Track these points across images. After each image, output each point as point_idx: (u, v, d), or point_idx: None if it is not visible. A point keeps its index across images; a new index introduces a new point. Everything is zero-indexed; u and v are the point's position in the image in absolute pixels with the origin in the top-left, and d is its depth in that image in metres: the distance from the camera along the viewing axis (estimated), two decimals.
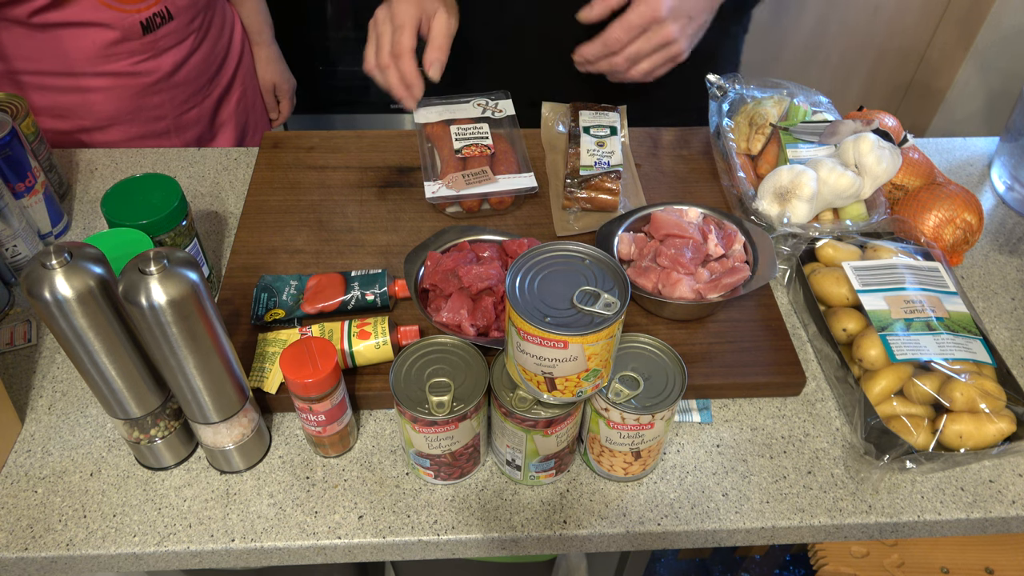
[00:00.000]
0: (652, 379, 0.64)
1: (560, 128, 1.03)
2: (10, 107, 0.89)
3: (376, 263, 0.87)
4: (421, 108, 1.00)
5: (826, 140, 0.93)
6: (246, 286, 0.83)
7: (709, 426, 0.76)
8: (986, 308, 0.88)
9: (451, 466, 0.67)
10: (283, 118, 1.43)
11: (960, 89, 2.10)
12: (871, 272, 0.80)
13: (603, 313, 0.56)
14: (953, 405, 0.70)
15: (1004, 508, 0.70)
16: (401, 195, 0.96)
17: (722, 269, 0.81)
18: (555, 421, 0.62)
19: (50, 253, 0.55)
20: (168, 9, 1.06)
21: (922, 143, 1.11)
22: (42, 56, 1.02)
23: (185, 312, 0.56)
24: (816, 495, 0.70)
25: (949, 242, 0.88)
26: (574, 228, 0.91)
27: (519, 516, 0.68)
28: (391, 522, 0.68)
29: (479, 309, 0.76)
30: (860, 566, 1.03)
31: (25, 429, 0.74)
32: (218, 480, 0.70)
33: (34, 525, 0.67)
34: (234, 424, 0.66)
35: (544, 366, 0.58)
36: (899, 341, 0.73)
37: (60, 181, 0.97)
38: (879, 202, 0.89)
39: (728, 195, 0.96)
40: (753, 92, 1.03)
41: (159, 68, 1.09)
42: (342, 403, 0.67)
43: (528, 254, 0.60)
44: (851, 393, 0.74)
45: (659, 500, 0.70)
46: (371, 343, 0.73)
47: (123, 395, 0.63)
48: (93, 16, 1.00)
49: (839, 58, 2.07)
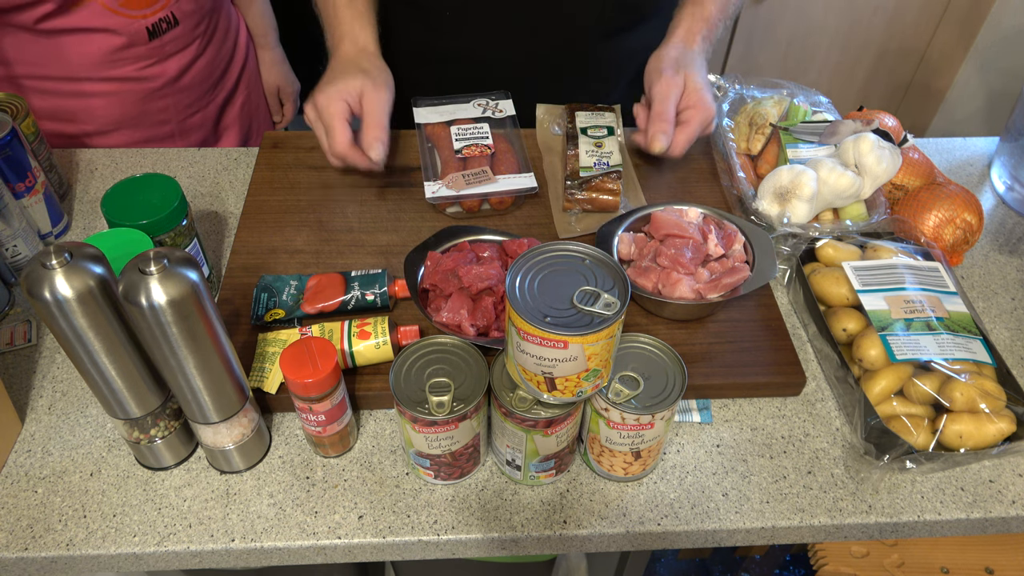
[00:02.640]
0: (652, 379, 0.64)
1: (555, 130, 1.03)
2: (10, 107, 0.89)
3: (376, 263, 0.87)
4: (421, 108, 1.00)
5: (826, 140, 0.93)
6: (246, 286, 0.83)
7: (709, 426, 0.76)
8: (986, 308, 0.88)
9: (451, 466, 0.67)
10: (286, 121, 1.43)
11: (960, 89, 2.10)
12: (871, 272, 0.80)
13: (603, 313, 0.56)
14: (953, 405, 0.70)
15: (1004, 508, 0.70)
16: (401, 195, 0.96)
17: (722, 269, 0.81)
18: (555, 421, 0.62)
19: (50, 253, 0.55)
20: (174, 15, 1.06)
21: (922, 143, 1.11)
22: (47, 62, 1.02)
23: (185, 312, 0.56)
24: (816, 495, 0.70)
25: (949, 242, 0.88)
26: (576, 230, 0.91)
27: (519, 516, 0.68)
28: (391, 522, 0.68)
29: (479, 309, 0.76)
30: (860, 566, 1.03)
31: (25, 429, 0.74)
32: (218, 480, 0.70)
33: (34, 525, 0.67)
34: (234, 424, 0.66)
35: (544, 366, 0.58)
36: (899, 341, 0.73)
37: (60, 181, 0.97)
38: (879, 202, 0.89)
39: (728, 195, 0.96)
40: (753, 92, 1.03)
41: (164, 73, 1.09)
42: (342, 403, 0.67)
43: (528, 254, 0.60)
44: (851, 393, 0.74)
45: (659, 500, 0.70)
46: (371, 343, 0.73)
47: (123, 395, 0.63)
48: (100, 22, 1.00)
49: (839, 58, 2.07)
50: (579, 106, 1.02)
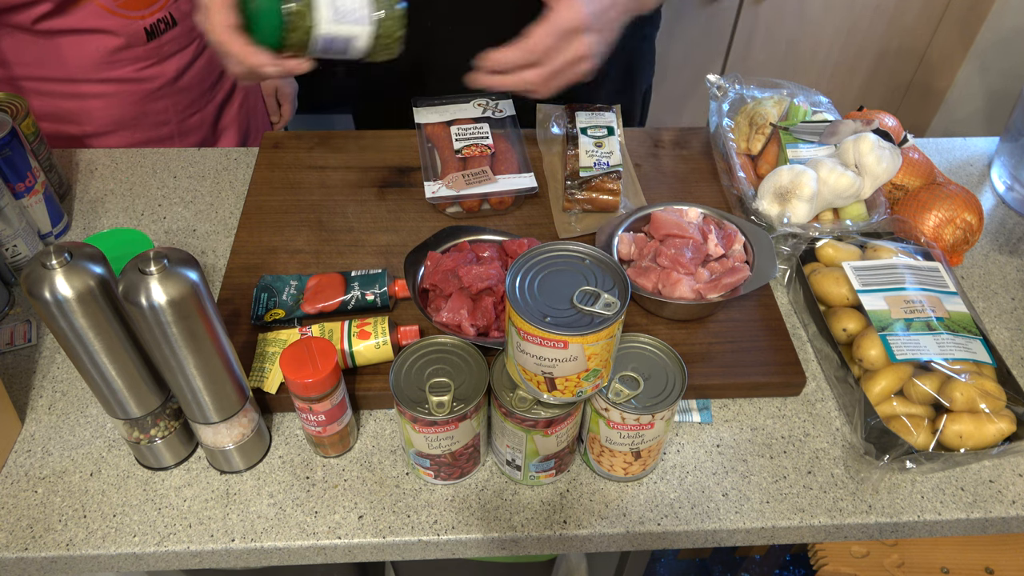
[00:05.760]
0: (652, 379, 0.64)
1: (555, 129, 1.03)
2: (10, 107, 0.89)
3: (376, 263, 0.87)
4: (421, 108, 1.00)
5: (826, 140, 0.93)
6: (246, 286, 0.83)
7: (709, 426, 0.76)
8: (986, 308, 0.88)
9: (451, 466, 0.67)
10: (284, 121, 1.43)
11: (960, 89, 2.10)
12: (871, 272, 0.80)
13: (603, 313, 0.56)
14: (953, 405, 0.70)
15: (1004, 508, 0.70)
16: (401, 195, 0.96)
17: (722, 269, 0.81)
18: (555, 421, 0.62)
19: (50, 253, 0.55)
20: (172, 15, 1.06)
21: (922, 143, 1.11)
22: (45, 63, 1.02)
23: (185, 312, 0.56)
24: (816, 495, 0.70)
25: (949, 242, 0.88)
26: (576, 230, 0.91)
27: (519, 516, 0.68)
28: (391, 522, 0.68)
29: (479, 309, 0.76)
30: (860, 566, 1.03)
31: (25, 429, 0.74)
32: (218, 480, 0.70)
33: (34, 525, 0.67)
34: (234, 424, 0.66)
35: (544, 366, 0.58)
36: (899, 341, 0.73)
37: (60, 181, 0.97)
38: (879, 202, 0.89)
39: (728, 195, 0.96)
40: (753, 92, 1.03)
41: (163, 74, 1.09)
42: (342, 403, 0.67)
43: (528, 254, 0.60)
44: (851, 393, 0.74)
45: (659, 500, 0.70)
46: (371, 343, 0.73)
47: (123, 395, 0.63)
48: (97, 23, 1.00)
49: (839, 58, 2.07)
50: (579, 106, 1.02)
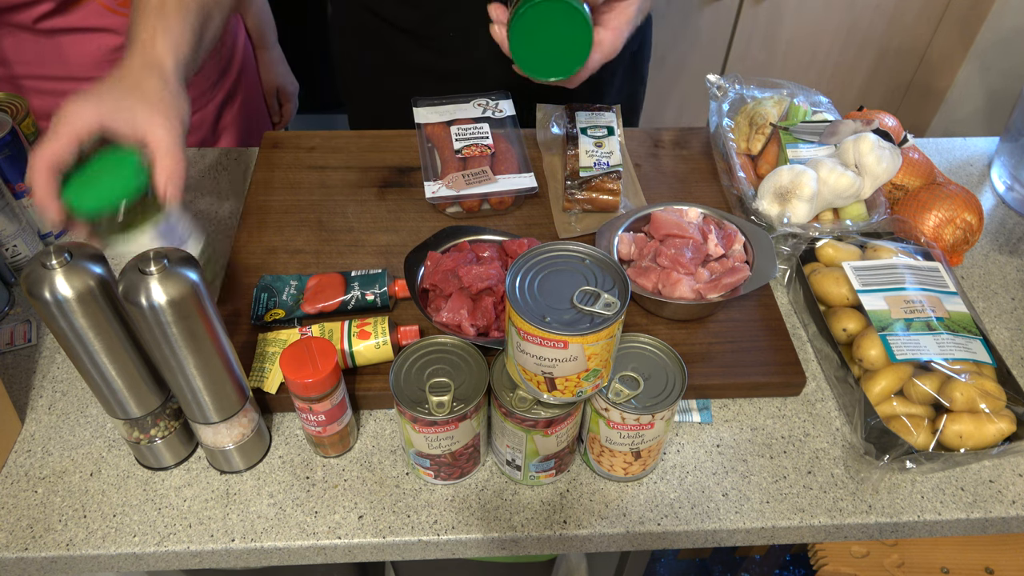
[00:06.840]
0: (652, 379, 0.64)
1: (555, 129, 1.03)
2: (10, 107, 0.89)
3: (376, 263, 0.87)
4: (421, 108, 1.00)
5: (826, 140, 0.93)
6: (246, 286, 0.83)
7: (709, 426, 0.76)
8: (986, 308, 0.88)
9: (451, 466, 0.67)
10: (286, 121, 1.43)
11: (960, 89, 2.10)
12: (871, 272, 0.80)
13: (603, 313, 0.56)
14: (953, 405, 0.70)
15: (1004, 508, 0.70)
16: (401, 195, 0.96)
17: (722, 269, 0.81)
18: (555, 421, 0.62)
19: (50, 253, 0.55)
20: None
21: (922, 143, 1.11)
22: (46, 61, 1.02)
23: (185, 312, 0.56)
24: (816, 495, 0.70)
25: (949, 242, 0.88)
26: (576, 230, 0.91)
27: (519, 516, 0.68)
28: (391, 522, 0.68)
29: (479, 309, 0.76)
30: (860, 566, 1.03)
31: (25, 429, 0.74)
32: (218, 480, 0.70)
33: (34, 525, 0.67)
34: (234, 424, 0.66)
35: (544, 366, 0.58)
36: (899, 341, 0.73)
37: None
38: (879, 202, 0.89)
39: (728, 195, 0.96)
40: (753, 92, 1.03)
41: None
42: (342, 403, 0.67)
43: (528, 254, 0.60)
44: (851, 393, 0.74)
45: (659, 500, 0.70)
46: (371, 343, 0.73)
47: (123, 395, 0.63)
48: (98, 21, 1.00)
49: (839, 58, 2.07)
50: (579, 106, 1.02)
